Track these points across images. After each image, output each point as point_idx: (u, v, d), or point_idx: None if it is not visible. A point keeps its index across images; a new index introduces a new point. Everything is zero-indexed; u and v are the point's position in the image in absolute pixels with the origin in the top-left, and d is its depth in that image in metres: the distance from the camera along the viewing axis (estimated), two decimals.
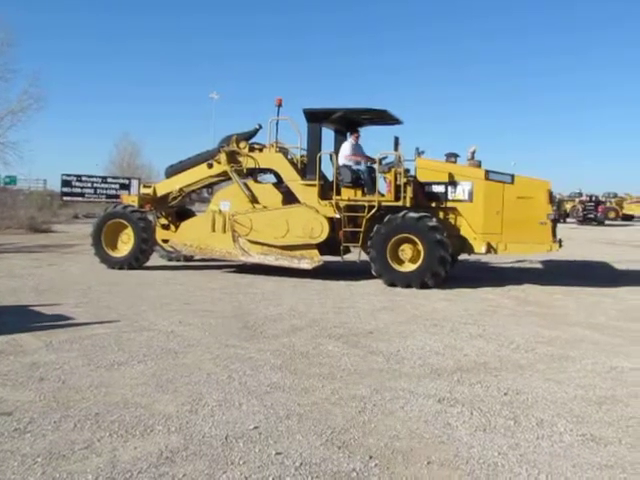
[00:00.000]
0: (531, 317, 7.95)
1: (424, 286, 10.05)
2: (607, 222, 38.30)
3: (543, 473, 3.42)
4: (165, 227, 12.91)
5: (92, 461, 3.43)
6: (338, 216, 10.82)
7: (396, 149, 11.10)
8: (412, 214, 10.24)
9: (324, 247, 11.01)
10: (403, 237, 10.30)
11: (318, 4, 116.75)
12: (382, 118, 11.90)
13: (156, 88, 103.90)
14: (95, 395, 4.51)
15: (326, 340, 6.38)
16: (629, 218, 42.98)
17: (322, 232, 10.74)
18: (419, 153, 10.94)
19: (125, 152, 51.06)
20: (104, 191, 31.90)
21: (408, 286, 10.10)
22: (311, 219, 10.83)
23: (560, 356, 5.96)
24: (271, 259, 11.15)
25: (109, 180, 31.87)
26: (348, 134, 11.66)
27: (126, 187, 34.84)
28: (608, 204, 42.64)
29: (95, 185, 31.32)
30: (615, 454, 3.70)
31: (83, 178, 30.04)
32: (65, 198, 29.57)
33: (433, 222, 10.13)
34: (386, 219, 10.35)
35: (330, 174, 11.49)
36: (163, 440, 3.73)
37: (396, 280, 10.26)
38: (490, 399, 4.63)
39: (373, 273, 10.49)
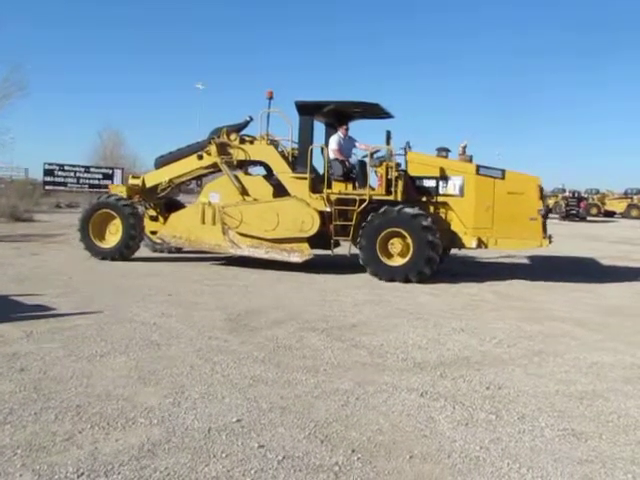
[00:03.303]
0: (513, 312, 8.00)
1: (407, 281, 10.08)
2: (589, 218, 38.68)
3: (524, 467, 3.45)
4: (153, 219, 12.78)
5: (73, 453, 3.39)
6: (329, 209, 10.78)
7: (388, 143, 11.01)
8: (408, 210, 10.20)
9: (314, 240, 10.96)
10: (395, 231, 10.29)
11: None
12: (374, 112, 11.82)
13: (141, 77, 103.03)
14: (76, 387, 4.47)
15: (309, 333, 6.37)
16: (611, 214, 43.42)
17: (313, 225, 10.70)
18: (408, 147, 10.91)
19: (109, 141, 50.48)
20: (87, 181, 31.57)
21: (391, 280, 10.12)
22: (302, 212, 10.77)
23: (542, 351, 6.01)
24: (261, 252, 11.08)
25: (92, 170, 31.59)
26: (339, 128, 11.56)
27: (109, 177, 34.49)
28: (590, 200, 43.01)
29: (78, 174, 31.00)
30: (595, 449, 3.74)
31: (66, 167, 29.75)
32: (47, 187, 29.30)
33: (428, 222, 10.08)
34: (382, 210, 10.31)
35: (320, 167, 11.44)
36: (145, 432, 3.71)
37: (381, 273, 10.29)
38: (472, 393, 4.66)
39: (360, 262, 10.48)
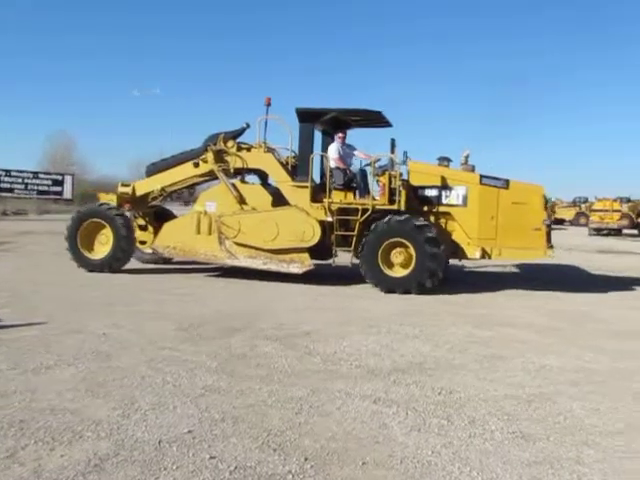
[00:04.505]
0: (467, 318, 8.12)
1: (407, 292, 9.95)
2: None
3: (475, 470, 3.49)
4: (142, 228, 12.38)
5: (14, 471, 3.27)
6: (330, 219, 10.60)
7: (392, 151, 10.80)
8: (413, 220, 10.08)
9: (311, 251, 10.73)
10: (398, 241, 10.13)
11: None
12: (374, 120, 11.66)
13: (94, 84, 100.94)
14: (20, 401, 4.32)
15: (264, 341, 6.33)
16: (560, 222, 44.60)
17: (314, 235, 10.49)
18: (406, 157, 10.74)
19: (59, 147, 49.48)
20: (35, 187, 30.80)
21: (392, 291, 10.00)
22: (302, 222, 10.56)
23: (493, 356, 6.12)
24: (259, 263, 10.81)
25: (41, 176, 30.84)
26: (336, 136, 11.42)
27: (59, 183, 33.72)
28: None
29: (26, 180, 30.23)
30: (543, 450, 3.81)
31: (13, 173, 28.95)
32: None
33: (432, 233, 9.95)
34: (385, 220, 10.15)
35: (317, 175, 11.26)
36: (92, 447, 3.61)
37: (382, 283, 10.14)
38: (425, 399, 4.70)
39: (361, 273, 10.34)
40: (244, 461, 3.50)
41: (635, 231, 34.39)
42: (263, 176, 11.79)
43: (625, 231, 34.49)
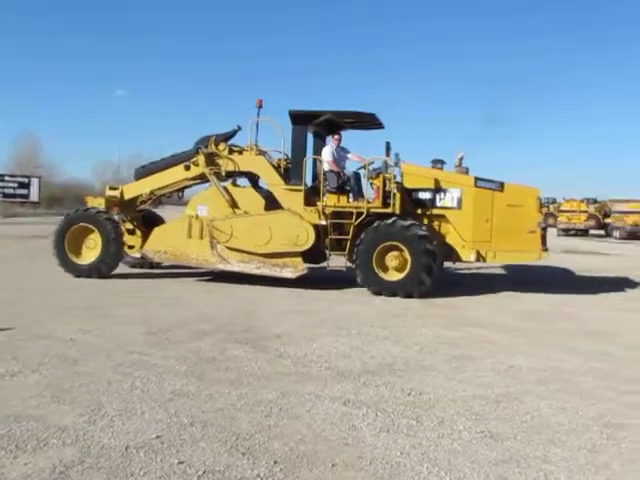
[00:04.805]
0: (437, 319, 8.18)
1: (402, 296, 9.86)
2: None
3: (443, 470, 3.52)
4: (130, 232, 12.13)
5: None
6: (324, 223, 10.46)
7: (387, 154, 10.64)
8: (410, 225, 9.97)
9: (304, 255, 10.61)
10: (393, 245, 10.04)
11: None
12: (366, 122, 11.55)
13: (61, 86, 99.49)
14: None
15: (233, 345, 6.29)
16: None
17: (308, 239, 10.37)
18: (397, 159, 10.61)
19: (25, 149, 48.60)
20: (1, 190, 30.21)
21: (379, 294, 9.96)
22: (296, 226, 10.43)
23: (462, 356, 6.17)
24: (252, 267, 10.63)
25: (6, 178, 30.26)
26: (329, 137, 11.30)
27: (25, 186, 33.15)
28: None
29: None
30: (510, 449, 3.86)
31: None
32: None
33: (429, 240, 9.90)
34: (382, 223, 10.05)
35: (309, 179, 11.14)
36: (57, 454, 3.54)
37: (377, 287, 10.04)
38: (394, 400, 4.72)
39: (356, 278, 10.20)
40: (213, 465, 3.48)
41: (602, 232, 35.08)
42: (254, 179, 11.65)
43: (592, 232, 35.16)
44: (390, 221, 10.05)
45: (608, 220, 34.95)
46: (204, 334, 6.73)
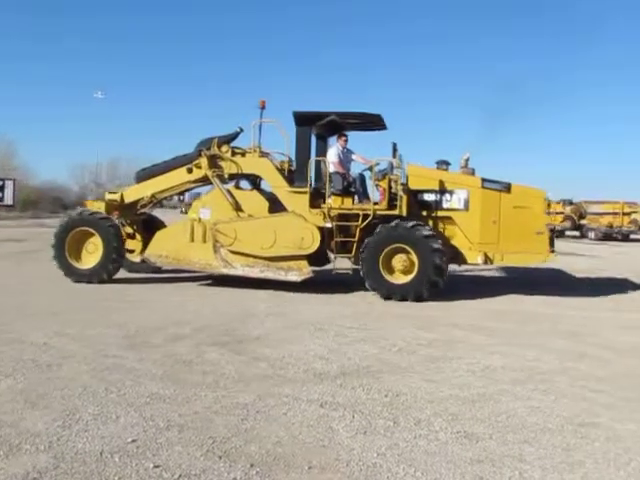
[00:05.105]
0: (413, 320, 8.23)
1: (412, 299, 9.75)
2: None
3: (419, 471, 3.53)
4: (130, 236, 11.95)
5: None
6: (329, 225, 10.35)
7: (394, 155, 10.51)
8: (417, 227, 9.87)
9: (306, 257, 10.48)
10: (400, 247, 9.92)
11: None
12: (370, 123, 11.44)
13: (36, 89, 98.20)
14: None
15: (211, 348, 6.26)
16: None
17: (313, 242, 10.24)
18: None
19: None
20: None
21: (389, 298, 9.83)
22: (301, 228, 10.29)
23: (438, 357, 6.21)
24: (256, 271, 10.47)
25: None
26: (335, 138, 11.15)
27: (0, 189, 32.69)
28: None
29: None
30: (486, 449, 3.89)
31: None
32: None
33: (437, 242, 9.83)
34: (390, 225, 9.95)
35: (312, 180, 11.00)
36: (30, 460, 3.49)
37: (383, 290, 9.94)
38: (371, 401, 4.73)
39: (365, 282, 10.08)
40: (189, 469, 3.46)
41: (577, 233, 35.54)
42: (254, 181, 11.53)
43: (567, 233, 35.60)
44: (393, 224, 9.97)
45: (583, 221, 35.43)
46: (181, 337, 6.69)
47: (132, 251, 11.92)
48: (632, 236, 33.49)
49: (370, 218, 10.23)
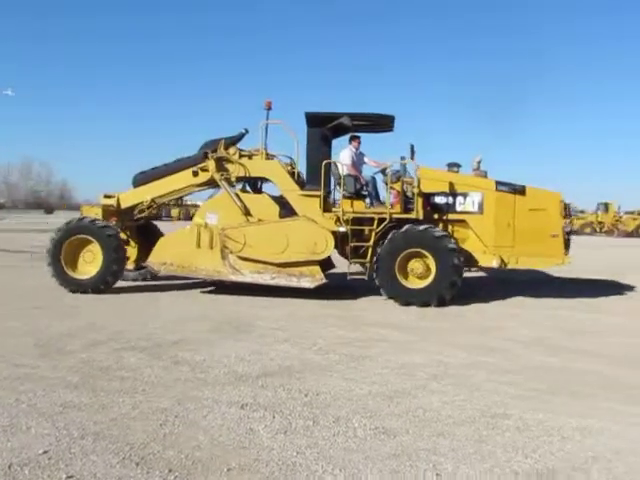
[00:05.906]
0: (334, 320, 8.33)
1: (426, 305, 9.60)
2: None
3: (337, 468, 3.59)
4: (124, 243, 11.13)
5: None
6: (342, 229, 10.12)
7: (412, 158, 10.26)
8: (434, 230, 9.76)
9: (319, 263, 10.19)
10: (416, 252, 9.75)
11: None
12: (376, 125, 11.17)
13: None
14: None
15: (129, 353, 6.12)
16: None
17: (327, 247, 9.98)
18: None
19: None
20: None
21: (409, 304, 9.67)
22: (314, 233, 10.00)
23: (359, 355, 6.32)
24: (266, 278, 10.09)
25: None
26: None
27: None
28: None
29: None
30: (402, 443, 4.00)
31: None
32: None
33: (453, 244, 9.73)
34: (403, 229, 9.75)
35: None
36: None
37: (399, 295, 9.79)
38: (292, 401, 4.76)
39: (376, 284, 9.88)
40: (104, 478, 3.38)
41: None
42: (256, 184, 11.19)
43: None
44: (404, 229, 9.83)
45: None
46: (98, 343, 6.50)
47: (127, 258, 11.19)
48: None
49: (386, 222, 10.07)
